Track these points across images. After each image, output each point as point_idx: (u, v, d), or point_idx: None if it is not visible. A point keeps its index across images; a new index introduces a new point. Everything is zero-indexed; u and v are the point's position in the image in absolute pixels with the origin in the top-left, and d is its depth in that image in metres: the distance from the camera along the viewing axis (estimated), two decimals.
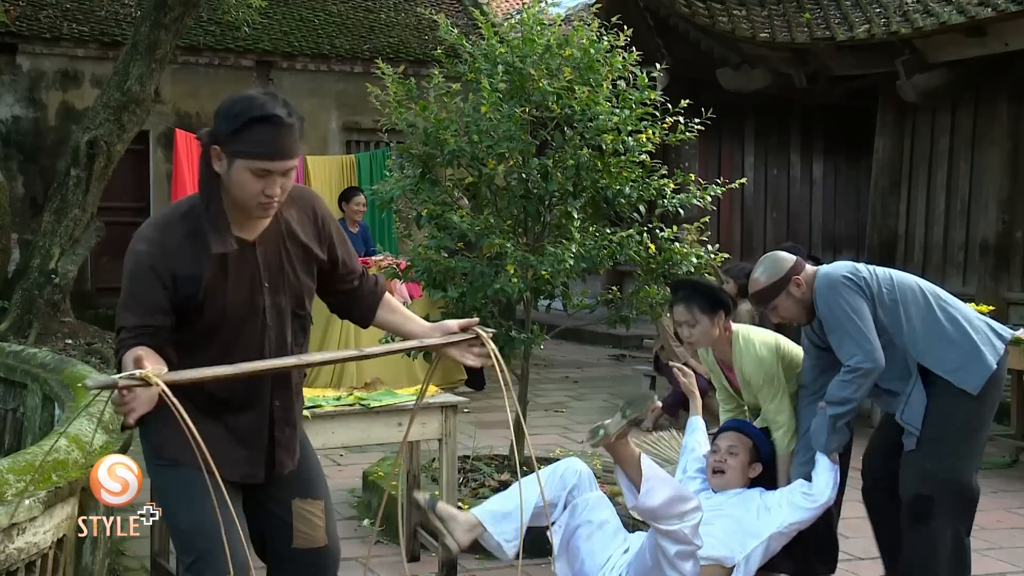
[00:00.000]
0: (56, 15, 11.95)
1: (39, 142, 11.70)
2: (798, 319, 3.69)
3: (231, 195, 2.48)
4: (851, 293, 3.56)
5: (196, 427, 2.33)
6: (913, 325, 3.60)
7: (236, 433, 2.60)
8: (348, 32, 13.45)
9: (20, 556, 2.70)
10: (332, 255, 2.72)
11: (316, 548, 2.74)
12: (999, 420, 7.79)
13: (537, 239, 5.31)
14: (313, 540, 2.74)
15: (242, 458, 2.62)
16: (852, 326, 3.51)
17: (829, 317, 3.56)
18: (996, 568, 4.79)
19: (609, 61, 5.25)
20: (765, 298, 3.65)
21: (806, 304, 3.65)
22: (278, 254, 2.59)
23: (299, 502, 2.73)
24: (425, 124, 5.25)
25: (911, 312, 3.61)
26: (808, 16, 10.37)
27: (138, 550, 4.74)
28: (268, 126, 2.40)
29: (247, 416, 2.61)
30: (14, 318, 8.84)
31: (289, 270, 2.61)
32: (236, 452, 2.60)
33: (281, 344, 2.63)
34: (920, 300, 3.65)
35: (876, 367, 3.51)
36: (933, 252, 10.39)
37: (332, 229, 2.72)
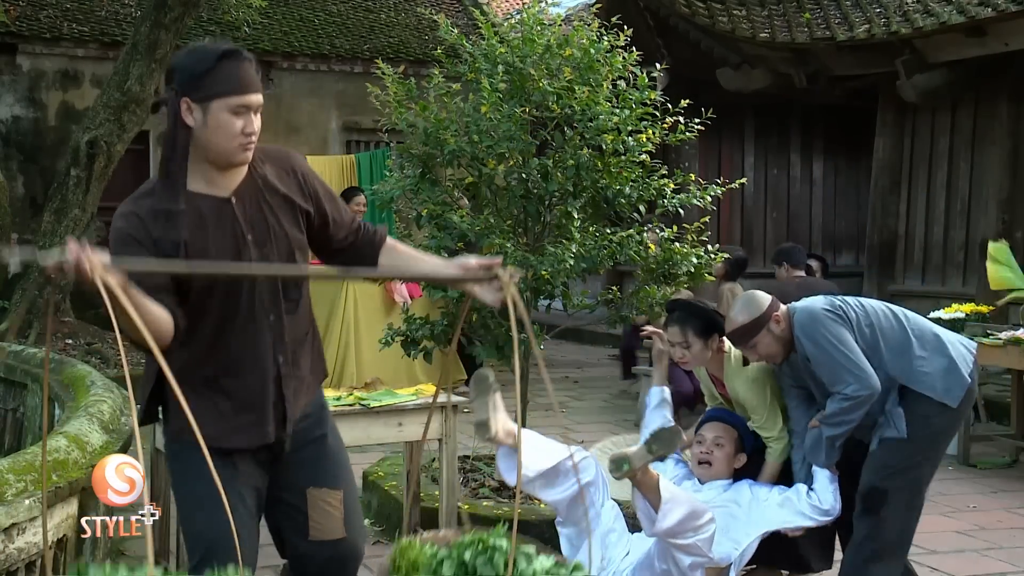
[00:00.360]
0: (56, 15, 11.95)
1: (39, 142, 11.71)
2: (776, 357, 3.71)
3: (207, 147, 2.43)
4: (833, 324, 3.60)
5: (198, 401, 2.37)
6: (891, 348, 3.64)
7: (240, 399, 2.54)
8: (348, 32, 13.45)
9: (20, 556, 2.70)
10: (320, 209, 2.65)
11: (333, 540, 2.65)
12: (999, 420, 7.80)
13: (537, 239, 5.31)
14: (329, 532, 2.65)
15: (250, 422, 2.55)
16: (842, 356, 3.55)
17: (816, 351, 3.58)
18: (996, 568, 4.79)
19: (609, 61, 5.25)
20: (745, 336, 3.65)
21: (785, 341, 3.66)
22: (258, 207, 2.52)
23: (314, 491, 2.65)
24: (425, 124, 5.25)
25: (887, 336, 3.66)
26: (808, 16, 10.37)
27: (138, 550, 4.74)
28: (235, 61, 2.42)
29: (250, 379, 2.55)
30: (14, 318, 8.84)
31: (273, 222, 2.54)
32: (243, 418, 2.54)
33: (274, 300, 2.57)
34: (893, 324, 3.69)
35: (873, 393, 3.54)
36: (933, 252, 10.39)
37: (316, 184, 2.67)
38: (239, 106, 2.42)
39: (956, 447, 7.03)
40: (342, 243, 2.72)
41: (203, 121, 2.41)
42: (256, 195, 2.53)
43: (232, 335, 2.51)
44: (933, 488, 6.15)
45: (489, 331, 5.22)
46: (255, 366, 2.55)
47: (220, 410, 2.51)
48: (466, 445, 5.93)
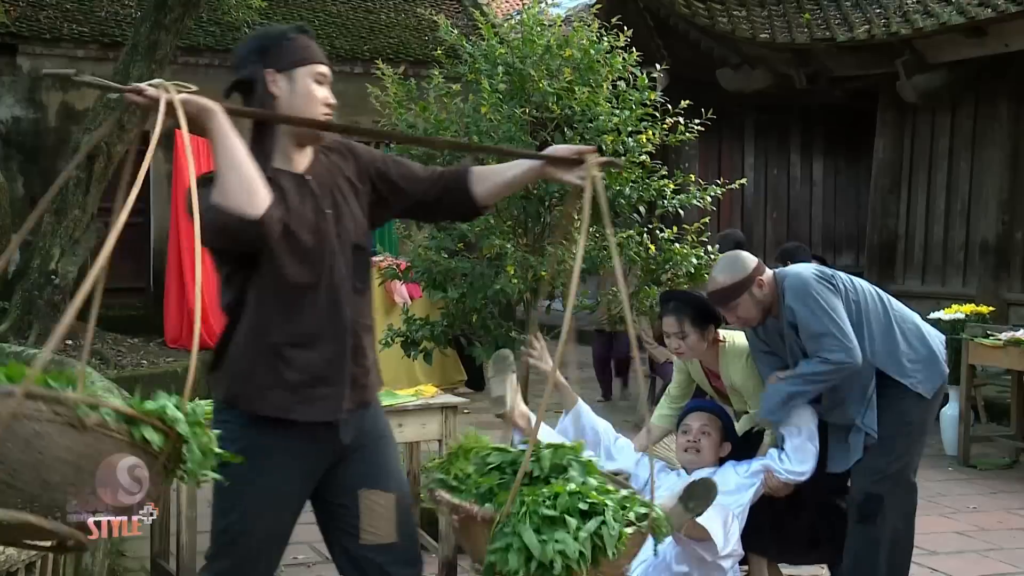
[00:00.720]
0: (56, 16, 11.94)
1: (39, 143, 11.70)
2: (753, 321, 3.64)
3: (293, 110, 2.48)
4: (825, 291, 3.55)
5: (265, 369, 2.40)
6: (872, 330, 3.61)
7: (311, 371, 2.47)
8: (348, 33, 13.45)
9: (20, 557, 2.70)
10: (385, 178, 2.64)
11: (384, 545, 2.55)
12: (999, 421, 7.80)
13: (537, 239, 5.31)
14: (380, 536, 2.55)
15: (320, 396, 2.48)
16: (832, 323, 3.49)
17: (807, 317, 3.51)
18: (996, 569, 4.79)
19: (609, 62, 5.26)
20: (726, 298, 3.58)
21: (765, 306, 3.61)
22: (330, 187, 2.54)
23: (367, 492, 2.56)
24: (425, 125, 5.26)
25: (872, 318, 3.62)
26: (808, 17, 10.37)
27: (138, 551, 4.74)
28: (307, 36, 2.55)
29: (323, 352, 2.48)
30: (14, 319, 8.84)
31: (341, 200, 2.54)
32: (312, 391, 2.47)
33: (345, 275, 2.52)
34: (878, 307, 3.66)
35: (855, 364, 3.49)
36: (933, 252, 10.39)
37: (374, 158, 2.67)
38: (320, 75, 2.51)
39: (956, 448, 7.03)
40: (429, 195, 2.66)
41: (289, 88, 2.48)
42: (326, 175, 2.55)
43: (310, 304, 2.46)
44: (933, 489, 6.17)
45: (489, 332, 5.23)
46: (330, 339, 2.49)
47: (288, 380, 2.44)
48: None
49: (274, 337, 2.45)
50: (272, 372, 2.44)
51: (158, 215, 11.52)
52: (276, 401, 2.42)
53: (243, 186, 2.26)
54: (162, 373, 8.70)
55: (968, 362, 6.95)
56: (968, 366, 6.98)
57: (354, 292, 2.54)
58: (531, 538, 2.11)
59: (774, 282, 3.63)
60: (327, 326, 2.48)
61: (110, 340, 9.59)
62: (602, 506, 2.17)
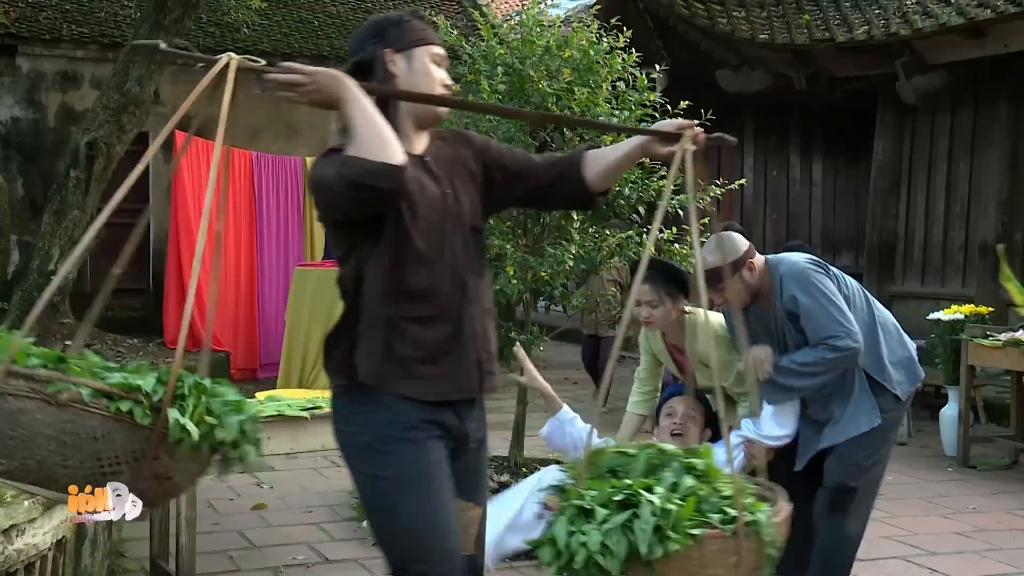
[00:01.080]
0: (56, 16, 11.95)
1: (39, 143, 11.71)
2: (740, 304, 3.60)
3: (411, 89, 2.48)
4: (822, 277, 3.53)
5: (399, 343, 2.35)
6: (861, 328, 3.58)
7: (428, 348, 2.40)
8: (348, 33, 13.45)
9: (19, 557, 2.70)
10: (499, 164, 2.61)
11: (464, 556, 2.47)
12: (998, 422, 7.80)
13: (536, 240, 5.31)
14: (464, 548, 2.48)
15: (435, 375, 2.40)
16: (834, 307, 3.46)
17: (807, 302, 3.48)
18: (996, 569, 4.79)
19: (608, 63, 5.26)
20: (715, 278, 3.46)
21: (753, 290, 3.57)
22: (448, 167, 2.53)
23: (462, 503, 2.50)
24: None
25: (857, 315, 3.59)
26: (807, 18, 10.37)
27: (137, 551, 4.74)
28: (423, 20, 2.57)
29: (443, 329, 2.41)
30: (13, 319, 8.84)
31: (459, 183, 2.52)
32: (429, 369, 2.39)
33: (465, 255, 2.48)
34: (864, 306, 3.65)
35: (857, 351, 3.47)
36: (933, 253, 10.40)
37: (489, 142, 2.66)
38: (436, 55, 2.52)
39: (955, 449, 7.03)
40: (543, 182, 2.61)
41: (408, 68, 2.48)
42: (444, 159, 2.54)
43: (428, 279, 2.40)
44: (933, 489, 6.17)
45: None
46: (449, 318, 2.43)
47: (400, 355, 2.37)
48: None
49: (391, 310, 2.38)
50: (388, 347, 2.37)
51: (158, 216, 11.52)
52: (390, 376, 2.35)
53: (382, 138, 2.26)
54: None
55: (968, 363, 6.95)
56: (968, 367, 6.97)
57: (473, 274, 2.50)
58: (560, 529, 1.99)
59: (766, 269, 3.60)
60: (447, 304, 2.42)
61: (110, 340, 9.60)
62: (638, 498, 1.97)
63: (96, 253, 10.53)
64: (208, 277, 10.04)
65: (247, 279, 10.34)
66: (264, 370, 10.04)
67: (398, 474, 2.35)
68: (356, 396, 2.40)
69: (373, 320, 2.37)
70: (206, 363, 2.32)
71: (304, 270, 9.22)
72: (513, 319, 6.36)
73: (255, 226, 10.45)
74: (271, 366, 9.74)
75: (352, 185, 2.25)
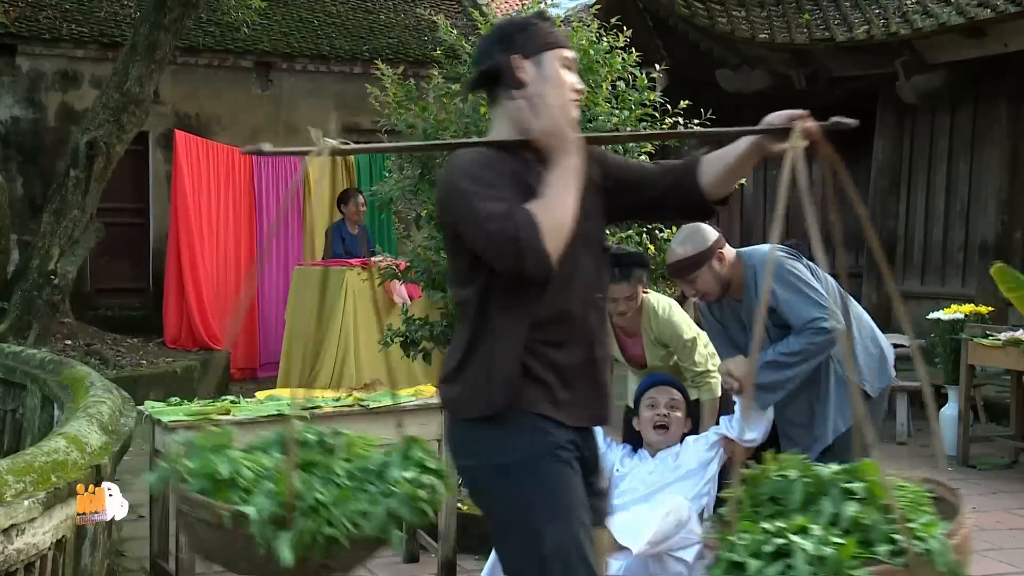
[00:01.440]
0: (55, 16, 11.94)
1: (38, 143, 11.70)
2: (711, 296, 3.59)
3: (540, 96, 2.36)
4: (797, 264, 3.53)
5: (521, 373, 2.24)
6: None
7: (563, 373, 2.30)
8: (347, 33, 13.45)
9: (19, 557, 2.70)
10: (614, 172, 2.50)
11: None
12: (998, 421, 7.80)
13: None
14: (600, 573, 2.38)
15: (571, 401, 2.31)
16: (812, 291, 3.45)
17: (784, 293, 3.46)
18: (996, 569, 4.79)
19: (608, 62, 5.26)
20: (685, 270, 3.50)
21: (724, 282, 3.55)
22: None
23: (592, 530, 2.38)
24: (425, 125, 5.26)
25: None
26: (807, 17, 10.37)
27: (137, 551, 4.74)
28: (550, 23, 2.47)
29: (574, 353, 2.32)
30: (13, 319, 8.84)
31: (588, 199, 2.36)
32: (565, 395, 2.30)
33: (595, 274, 2.39)
34: (837, 297, 3.60)
35: (835, 334, 3.44)
36: (933, 253, 10.40)
37: (608, 155, 2.59)
38: (566, 59, 2.41)
39: (955, 448, 7.03)
40: (657, 190, 2.49)
41: (538, 73, 2.37)
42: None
43: (560, 300, 2.30)
44: None
45: None
46: (578, 340, 2.33)
47: (542, 379, 2.27)
48: None
49: (527, 334, 2.27)
50: (526, 371, 2.27)
51: (158, 216, 11.52)
52: (533, 398, 2.26)
53: (562, 224, 2.17)
54: (162, 373, 8.71)
55: (967, 362, 6.96)
56: (967, 366, 6.98)
57: (602, 295, 2.43)
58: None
59: (738, 261, 3.58)
60: (581, 326, 2.34)
61: (110, 340, 9.59)
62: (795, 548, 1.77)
63: (96, 253, 10.54)
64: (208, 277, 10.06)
65: (247, 279, 10.34)
66: (264, 369, 10.04)
67: (545, 496, 2.24)
68: (494, 423, 2.27)
69: (508, 344, 2.26)
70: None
71: (304, 269, 9.22)
72: None
73: (255, 226, 10.45)
74: (271, 365, 9.74)
75: (509, 242, 2.15)
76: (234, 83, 12.30)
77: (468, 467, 2.35)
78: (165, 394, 6.30)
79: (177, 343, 9.91)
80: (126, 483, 5.72)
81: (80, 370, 4.63)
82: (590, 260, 2.38)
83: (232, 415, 4.17)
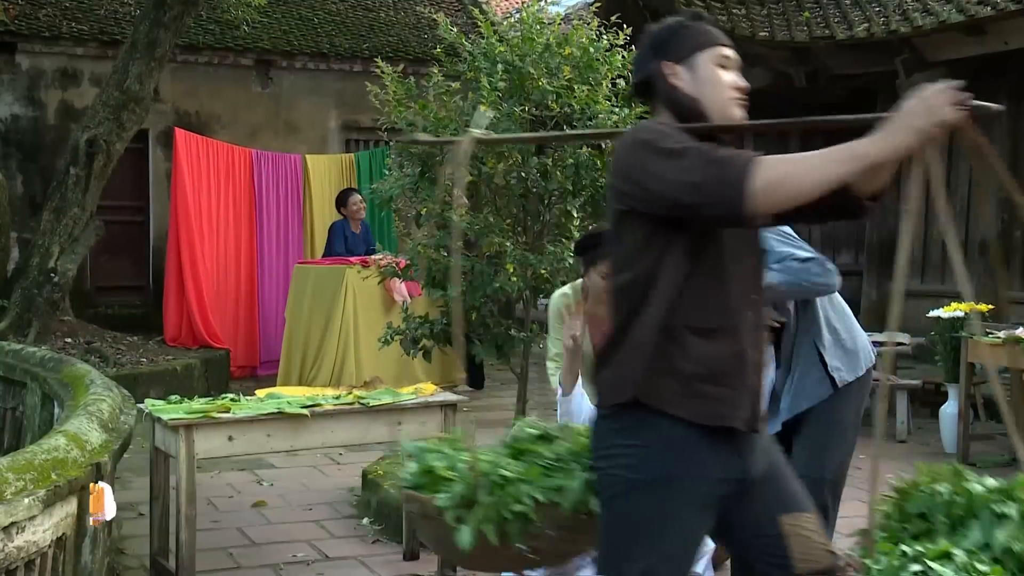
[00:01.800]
0: (55, 14, 11.94)
1: (38, 141, 11.70)
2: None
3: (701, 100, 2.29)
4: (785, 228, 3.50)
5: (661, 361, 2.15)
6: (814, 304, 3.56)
7: (710, 365, 2.19)
8: (347, 31, 13.44)
9: (19, 555, 2.70)
10: None
11: (823, 570, 2.27)
12: (998, 419, 7.80)
13: (537, 238, 5.31)
14: (815, 562, 2.26)
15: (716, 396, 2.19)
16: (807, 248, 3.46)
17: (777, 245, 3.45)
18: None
19: (608, 60, 5.26)
20: None
21: None
22: None
23: (787, 518, 2.28)
24: (424, 123, 5.26)
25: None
26: (807, 15, 10.37)
27: (138, 549, 4.74)
28: (704, 21, 2.37)
29: (724, 346, 2.21)
30: (13, 317, 8.84)
31: None
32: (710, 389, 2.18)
33: (754, 275, 2.32)
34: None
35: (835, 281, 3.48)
36: (932, 251, 10.40)
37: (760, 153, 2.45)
38: (722, 57, 2.32)
39: (955, 446, 7.03)
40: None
41: (692, 77, 2.30)
42: None
43: (723, 290, 2.22)
44: None
45: (488, 330, 5.23)
46: (731, 335, 2.23)
47: (681, 369, 2.17)
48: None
49: (674, 320, 2.17)
50: (665, 359, 2.17)
51: (157, 214, 11.52)
52: (667, 394, 2.16)
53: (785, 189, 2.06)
54: (161, 371, 8.71)
55: (967, 360, 6.95)
56: (967, 364, 6.98)
57: (758, 297, 2.33)
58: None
59: None
60: (733, 320, 2.23)
61: (109, 338, 9.59)
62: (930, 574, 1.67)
63: (96, 251, 10.54)
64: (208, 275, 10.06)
65: (247, 276, 10.34)
66: (264, 367, 10.04)
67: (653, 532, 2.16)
68: (630, 422, 2.19)
69: (650, 330, 2.18)
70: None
71: (304, 267, 9.22)
72: (513, 316, 6.36)
73: (255, 224, 10.45)
74: (271, 363, 9.75)
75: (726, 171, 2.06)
76: (234, 81, 12.29)
77: (600, 469, 2.25)
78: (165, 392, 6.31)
79: (177, 341, 9.91)
80: (126, 481, 5.74)
81: (80, 368, 4.63)
82: (752, 259, 2.32)
83: (232, 413, 4.17)
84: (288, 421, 4.25)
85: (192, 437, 4.05)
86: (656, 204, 2.15)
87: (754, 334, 2.29)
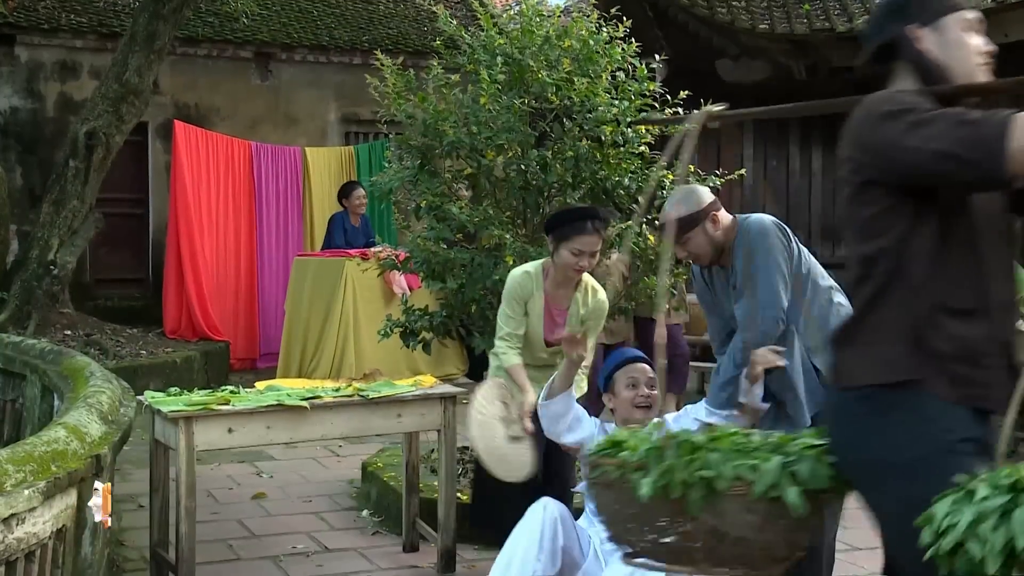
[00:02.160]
0: (54, 6, 11.92)
1: (37, 133, 11.69)
2: (703, 259, 3.52)
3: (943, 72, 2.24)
4: (779, 244, 3.45)
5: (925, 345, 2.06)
6: (812, 307, 3.48)
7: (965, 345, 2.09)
8: (347, 23, 13.43)
9: (19, 546, 2.71)
10: None
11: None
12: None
13: (536, 230, 5.31)
14: None
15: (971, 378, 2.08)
16: (780, 277, 3.38)
17: (763, 256, 3.41)
18: None
19: (608, 52, 5.25)
20: (679, 230, 3.40)
21: (716, 244, 3.47)
22: None
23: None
24: (424, 115, 5.25)
25: (818, 296, 3.50)
26: (807, 7, 10.36)
27: (137, 541, 4.75)
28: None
29: (978, 327, 2.11)
30: (13, 309, 8.85)
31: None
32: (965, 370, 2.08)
33: (1003, 251, 2.20)
34: (824, 287, 3.53)
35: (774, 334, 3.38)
36: None
37: None
38: (970, 21, 2.28)
39: None
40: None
41: (939, 41, 2.25)
42: None
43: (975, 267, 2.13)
44: None
45: (488, 322, 5.23)
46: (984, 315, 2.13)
47: (937, 350, 2.06)
48: (465, 436, 5.94)
49: (930, 299, 2.08)
50: (921, 339, 2.08)
51: (157, 206, 11.51)
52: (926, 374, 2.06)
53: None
54: (161, 363, 8.72)
55: None
56: None
57: (1008, 277, 2.22)
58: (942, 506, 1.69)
59: (733, 226, 3.51)
60: (989, 300, 2.13)
61: (109, 331, 9.60)
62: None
63: (95, 243, 10.53)
64: (208, 267, 10.06)
65: (247, 269, 10.35)
66: (263, 360, 10.05)
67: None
68: (886, 402, 2.09)
69: (903, 309, 2.09)
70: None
71: (303, 260, 9.22)
72: None
73: (254, 216, 10.46)
74: (270, 356, 9.76)
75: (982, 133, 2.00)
76: (233, 73, 12.28)
77: (852, 453, 2.14)
78: (164, 384, 6.32)
79: (176, 333, 9.92)
80: (126, 473, 5.75)
81: (80, 360, 4.63)
82: (998, 234, 2.20)
83: (232, 405, 4.18)
84: (288, 413, 4.25)
85: (192, 429, 4.06)
86: (907, 175, 2.08)
87: (1005, 313, 2.19)
